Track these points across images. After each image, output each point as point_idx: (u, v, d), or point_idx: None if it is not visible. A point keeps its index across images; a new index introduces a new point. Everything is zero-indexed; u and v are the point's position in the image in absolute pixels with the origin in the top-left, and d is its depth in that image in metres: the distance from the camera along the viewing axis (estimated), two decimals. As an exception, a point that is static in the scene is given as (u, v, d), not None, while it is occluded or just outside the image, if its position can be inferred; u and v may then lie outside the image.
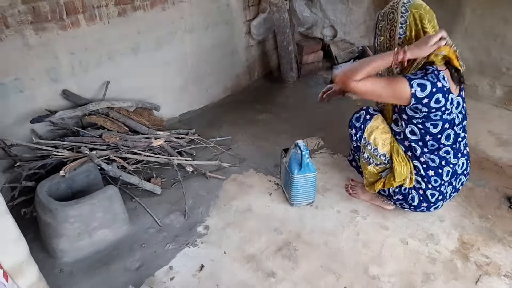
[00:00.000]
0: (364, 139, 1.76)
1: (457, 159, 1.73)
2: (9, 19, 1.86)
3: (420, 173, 1.70)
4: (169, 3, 2.49)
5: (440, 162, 1.68)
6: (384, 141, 1.72)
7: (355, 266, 1.67)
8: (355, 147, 1.88)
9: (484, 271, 1.64)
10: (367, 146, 1.76)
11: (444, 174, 1.69)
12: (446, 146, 1.66)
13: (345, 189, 2.11)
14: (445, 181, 1.71)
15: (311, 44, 3.65)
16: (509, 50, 2.69)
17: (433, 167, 1.69)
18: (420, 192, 1.73)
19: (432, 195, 1.73)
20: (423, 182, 1.71)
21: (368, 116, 1.76)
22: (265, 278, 1.62)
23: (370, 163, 1.78)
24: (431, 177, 1.70)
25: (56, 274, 1.66)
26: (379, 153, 1.74)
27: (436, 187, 1.71)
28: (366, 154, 1.78)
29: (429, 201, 1.74)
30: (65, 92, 2.18)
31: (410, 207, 1.80)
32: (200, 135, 2.58)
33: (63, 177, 1.80)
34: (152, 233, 1.87)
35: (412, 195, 1.74)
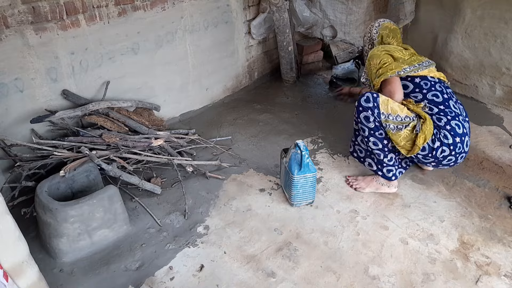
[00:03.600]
0: (383, 114, 1.84)
1: (456, 101, 1.96)
2: (9, 19, 1.86)
3: (435, 111, 1.87)
4: (169, 3, 2.49)
5: (443, 96, 1.90)
6: (399, 106, 1.86)
7: (355, 266, 1.67)
8: (371, 128, 1.88)
9: (484, 271, 1.64)
10: (389, 117, 1.84)
11: (451, 106, 1.89)
12: (437, 82, 1.96)
13: (348, 185, 2.14)
14: (457, 113, 1.88)
15: (311, 44, 3.65)
16: (509, 50, 2.69)
17: (440, 102, 1.88)
18: (447, 127, 1.83)
19: (458, 126, 1.84)
20: (442, 117, 1.85)
21: (375, 95, 1.87)
22: (265, 278, 1.62)
23: (401, 129, 1.84)
24: (444, 109, 1.87)
25: (56, 274, 1.66)
26: (402, 117, 1.84)
27: (454, 117, 1.85)
28: (392, 125, 1.84)
29: (458, 133, 1.82)
30: (65, 92, 2.18)
31: (450, 149, 1.82)
32: (200, 135, 2.58)
33: (63, 177, 1.80)
34: (152, 233, 1.87)
35: (444, 133, 1.82)
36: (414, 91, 1.94)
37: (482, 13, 2.74)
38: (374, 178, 2.08)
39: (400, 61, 1.95)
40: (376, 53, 2.00)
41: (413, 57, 2.01)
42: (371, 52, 2.04)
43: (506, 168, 2.24)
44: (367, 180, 2.10)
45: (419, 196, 2.06)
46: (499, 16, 2.67)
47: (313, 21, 3.49)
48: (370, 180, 2.09)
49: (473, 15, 2.80)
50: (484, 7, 2.72)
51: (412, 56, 2.02)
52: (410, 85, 1.95)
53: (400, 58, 1.97)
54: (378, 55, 1.98)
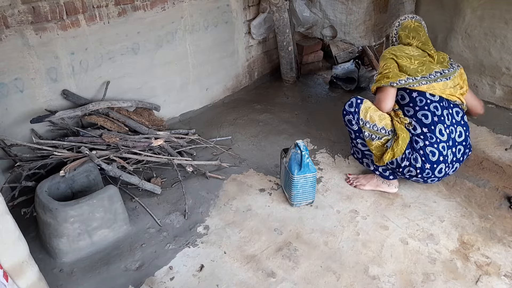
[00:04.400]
0: (361, 120, 1.92)
1: (452, 124, 1.90)
2: (9, 19, 1.86)
3: (417, 131, 1.86)
4: (169, 3, 2.49)
5: (433, 118, 1.85)
6: (379, 117, 1.90)
7: (355, 266, 1.67)
8: (356, 131, 1.96)
9: (484, 271, 1.64)
10: (366, 125, 1.91)
11: (436, 131, 1.85)
12: (434, 102, 1.88)
13: (348, 183, 2.16)
14: (440, 139, 1.85)
15: (311, 44, 3.65)
16: (509, 50, 2.69)
17: (426, 124, 1.86)
18: (420, 152, 1.84)
19: (433, 154, 1.84)
20: (420, 140, 1.85)
21: (358, 101, 1.94)
22: (265, 278, 1.62)
23: (373, 139, 1.91)
24: (426, 133, 1.85)
25: (56, 274, 1.66)
26: (378, 127, 1.89)
27: (433, 143, 1.84)
28: (367, 133, 1.92)
29: (430, 160, 1.84)
30: (65, 92, 2.18)
31: (417, 172, 1.87)
32: (200, 135, 2.58)
33: (63, 177, 1.80)
34: (152, 233, 1.87)
35: (415, 156, 1.85)
36: (408, 104, 1.91)
37: (482, 13, 2.74)
38: (375, 175, 2.10)
39: (404, 69, 1.90)
40: (385, 55, 1.98)
41: (422, 67, 1.91)
42: (384, 52, 2.02)
43: (506, 168, 2.24)
44: (367, 177, 2.12)
45: (419, 196, 2.06)
46: (499, 16, 2.66)
47: (313, 21, 3.49)
48: (371, 178, 2.11)
49: (473, 15, 2.79)
50: (484, 7, 2.72)
51: (422, 66, 1.91)
52: (407, 98, 1.91)
53: (404, 67, 1.90)
54: (385, 58, 1.97)
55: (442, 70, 1.92)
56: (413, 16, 2.11)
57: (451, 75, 1.93)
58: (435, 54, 1.99)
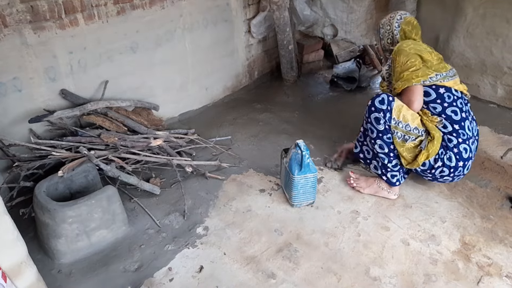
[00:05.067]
0: (393, 120, 1.81)
1: (473, 120, 1.91)
2: (7, 18, 1.85)
3: (448, 129, 1.81)
4: (168, 1, 2.48)
5: (461, 115, 1.82)
6: (412, 116, 1.81)
7: (356, 267, 1.66)
8: (380, 131, 1.85)
9: (486, 272, 1.63)
10: (398, 125, 1.81)
11: (466, 127, 1.82)
12: (459, 98, 1.86)
13: (348, 183, 2.12)
14: (469, 135, 1.83)
15: (311, 43, 3.63)
16: (511, 49, 2.67)
17: (456, 121, 1.81)
18: (454, 151, 1.80)
19: (465, 150, 1.81)
20: (454, 138, 1.80)
21: (390, 98, 1.83)
22: (265, 280, 1.61)
23: (407, 139, 1.83)
24: (458, 130, 1.81)
25: (54, 275, 1.65)
26: (411, 127, 1.81)
27: (465, 140, 1.81)
28: (400, 133, 1.82)
29: (463, 158, 1.81)
30: (63, 91, 2.17)
31: (450, 171, 1.83)
32: (200, 135, 2.57)
33: (62, 177, 1.79)
34: (151, 234, 1.85)
35: (449, 156, 1.80)
36: (435, 101, 1.82)
37: (483, 12, 2.73)
38: (376, 180, 2.05)
39: (428, 65, 1.82)
40: (404, 49, 1.85)
41: (441, 64, 1.88)
42: (399, 46, 1.88)
43: (508, 168, 2.23)
44: (369, 181, 2.07)
45: (420, 197, 2.05)
46: (500, 15, 2.65)
47: (314, 19, 3.48)
48: (372, 182, 2.06)
49: (474, 14, 2.78)
50: (485, 6, 2.71)
51: (440, 62, 1.88)
52: (433, 94, 1.82)
53: (429, 62, 1.83)
54: (407, 53, 1.83)
55: (452, 69, 1.91)
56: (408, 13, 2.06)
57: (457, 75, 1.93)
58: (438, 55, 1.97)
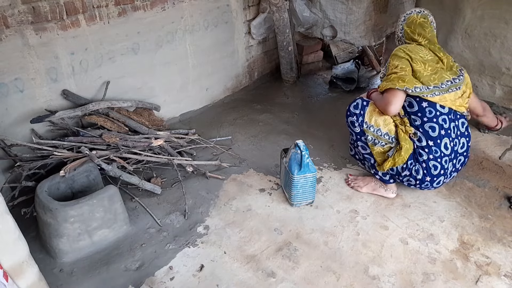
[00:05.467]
0: (365, 123, 1.88)
1: (456, 137, 1.87)
2: (9, 19, 1.86)
3: (422, 143, 1.82)
4: (169, 3, 2.50)
5: (440, 132, 1.81)
6: (384, 121, 1.85)
7: (355, 266, 1.67)
8: (357, 133, 1.93)
9: (484, 271, 1.64)
10: (369, 128, 1.87)
11: (442, 145, 1.82)
12: (443, 114, 1.83)
13: (346, 183, 2.15)
14: (444, 153, 1.83)
15: (311, 44, 3.65)
16: (509, 50, 2.68)
17: (432, 137, 1.81)
18: (423, 165, 1.83)
19: (435, 167, 1.83)
20: (424, 153, 1.82)
21: (364, 103, 1.91)
22: (265, 278, 1.62)
23: (376, 143, 1.89)
24: (431, 147, 1.81)
25: (56, 274, 1.66)
26: (382, 132, 1.86)
27: (437, 157, 1.82)
28: (370, 137, 1.88)
29: (431, 174, 1.84)
30: (65, 92, 2.18)
31: (416, 182, 1.88)
32: (200, 135, 2.58)
33: (63, 177, 1.80)
34: (152, 233, 1.87)
35: (417, 168, 1.84)
36: (416, 114, 1.84)
37: (482, 13, 2.74)
38: (373, 179, 2.08)
39: (417, 76, 1.81)
40: (398, 54, 1.87)
41: (435, 75, 1.83)
42: (396, 49, 1.91)
43: (506, 168, 2.24)
44: (365, 179, 2.11)
45: (419, 196, 2.06)
46: (499, 16, 2.66)
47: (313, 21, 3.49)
48: (369, 180, 2.09)
49: (473, 15, 2.79)
50: (484, 7, 2.72)
51: (435, 73, 1.83)
52: (415, 106, 1.83)
53: (418, 72, 1.81)
54: (399, 58, 1.85)
55: (452, 79, 1.85)
56: (419, 11, 1.99)
57: (461, 84, 1.87)
58: (444, 56, 1.91)
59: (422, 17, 1.96)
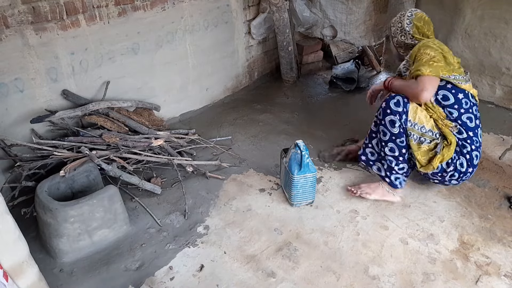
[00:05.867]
0: (409, 122, 1.79)
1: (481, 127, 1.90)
2: (9, 19, 1.86)
3: (463, 135, 1.81)
4: (169, 3, 2.50)
5: (475, 122, 1.83)
6: (426, 117, 1.81)
7: (355, 266, 1.67)
8: (395, 134, 1.82)
9: (484, 271, 1.64)
10: (414, 127, 1.80)
11: (479, 134, 1.85)
12: (475, 105, 1.86)
13: (350, 194, 2.05)
14: (480, 142, 1.85)
15: (311, 44, 3.65)
16: (509, 50, 2.69)
17: (471, 128, 1.82)
18: (467, 157, 1.81)
19: (477, 157, 1.84)
20: (468, 144, 1.81)
21: (405, 99, 1.79)
22: (265, 278, 1.62)
23: (422, 142, 1.82)
24: (472, 137, 1.82)
25: (56, 274, 1.66)
26: (427, 129, 1.80)
27: (478, 147, 1.83)
28: (416, 135, 1.81)
29: (474, 164, 1.84)
30: (65, 92, 2.18)
31: (460, 176, 1.85)
32: (200, 135, 2.58)
33: (63, 177, 1.80)
34: (152, 233, 1.87)
35: (461, 161, 1.82)
36: (453, 106, 1.80)
37: (482, 13, 2.74)
38: (380, 184, 2.00)
39: (451, 68, 1.79)
40: (432, 46, 1.79)
41: (460, 68, 1.86)
42: (426, 42, 1.82)
43: (506, 168, 2.24)
44: (372, 186, 2.02)
45: (419, 196, 2.06)
46: (499, 16, 2.66)
47: (313, 21, 3.49)
48: (376, 187, 2.01)
49: (473, 15, 2.79)
50: (484, 7, 2.72)
51: (459, 67, 1.86)
52: (451, 99, 1.80)
53: (451, 65, 1.80)
54: (435, 49, 1.78)
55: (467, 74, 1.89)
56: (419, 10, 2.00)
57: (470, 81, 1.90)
58: None
59: (426, 15, 1.96)
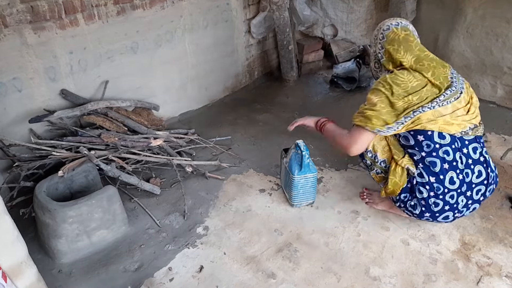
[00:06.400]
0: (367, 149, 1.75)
1: (467, 167, 1.63)
2: (7, 18, 1.85)
3: (423, 180, 1.63)
4: (169, 1, 2.48)
5: (442, 166, 1.59)
6: (383, 148, 1.74)
7: (356, 267, 1.66)
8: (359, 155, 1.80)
9: (486, 272, 1.63)
10: (367, 153, 1.77)
11: (446, 180, 1.59)
12: (444, 146, 1.59)
13: (360, 198, 2.04)
14: (449, 189, 1.61)
15: (311, 43, 3.64)
16: (511, 49, 2.68)
17: (434, 173, 1.60)
18: (422, 202, 1.65)
19: (436, 204, 1.63)
20: (425, 190, 1.63)
21: None
22: (265, 279, 1.61)
23: (372, 169, 1.80)
24: (433, 183, 1.61)
25: (54, 275, 1.65)
26: (379, 160, 1.75)
27: (439, 194, 1.61)
28: (368, 161, 1.79)
29: (432, 210, 1.66)
30: (63, 91, 2.17)
31: (413, 215, 1.74)
32: (200, 135, 2.57)
33: (62, 177, 1.79)
34: (151, 234, 1.86)
35: (413, 204, 1.69)
36: (414, 148, 1.64)
37: (483, 12, 2.73)
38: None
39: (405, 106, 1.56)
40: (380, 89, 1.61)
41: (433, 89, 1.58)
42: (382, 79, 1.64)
43: (508, 168, 2.23)
44: (381, 197, 1.92)
45: (420, 197, 2.05)
46: (500, 15, 2.65)
47: (314, 19, 3.48)
48: (383, 198, 1.93)
49: (474, 14, 2.78)
50: (485, 6, 2.71)
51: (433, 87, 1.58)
52: (411, 140, 1.64)
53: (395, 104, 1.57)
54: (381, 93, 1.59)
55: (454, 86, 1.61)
56: (397, 23, 1.69)
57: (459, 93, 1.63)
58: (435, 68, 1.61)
59: (403, 29, 1.67)
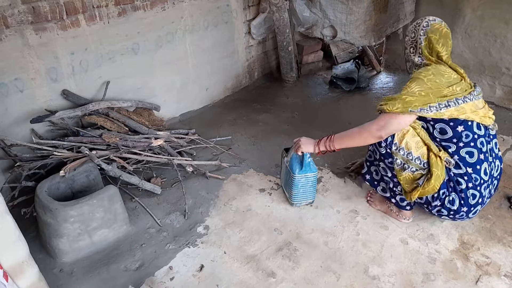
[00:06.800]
0: (395, 145, 1.64)
1: (493, 160, 1.68)
2: (9, 19, 1.86)
3: (460, 171, 1.62)
4: (169, 3, 2.50)
5: (479, 157, 1.61)
6: (417, 144, 1.62)
7: (355, 266, 1.67)
8: (382, 154, 1.70)
9: (484, 271, 1.64)
10: (399, 151, 1.64)
11: (482, 171, 1.62)
12: (481, 137, 1.62)
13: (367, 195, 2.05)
14: (484, 180, 1.64)
15: (311, 44, 3.65)
16: (509, 50, 2.69)
17: (471, 163, 1.61)
18: (461, 195, 1.62)
19: (473, 196, 1.63)
20: (463, 181, 1.62)
21: None
22: (265, 278, 1.62)
23: (405, 168, 1.65)
24: (471, 174, 1.61)
25: (56, 274, 1.66)
26: (414, 157, 1.62)
27: (477, 185, 1.62)
28: (399, 160, 1.65)
29: (469, 204, 1.63)
30: (65, 92, 2.18)
31: (449, 213, 1.68)
32: (200, 135, 2.58)
33: (63, 177, 1.80)
34: (152, 233, 1.87)
35: (451, 199, 1.63)
36: (451, 140, 1.61)
37: (482, 13, 2.75)
38: (387, 202, 1.93)
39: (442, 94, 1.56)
40: (422, 78, 1.59)
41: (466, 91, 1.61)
42: (416, 74, 1.63)
43: (506, 168, 2.24)
44: (382, 199, 1.95)
45: (419, 196, 2.06)
46: (499, 16, 2.67)
47: (313, 21, 3.49)
48: (384, 202, 1.94)
49: (473, 15, 2.80)
50: (484, 7, 2.72)
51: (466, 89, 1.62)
52: (449, 132, 1.60)
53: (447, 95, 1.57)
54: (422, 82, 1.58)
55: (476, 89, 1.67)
56: (441, 20, 1.72)
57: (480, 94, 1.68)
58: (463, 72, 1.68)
59: (446, 27, 1.70)
